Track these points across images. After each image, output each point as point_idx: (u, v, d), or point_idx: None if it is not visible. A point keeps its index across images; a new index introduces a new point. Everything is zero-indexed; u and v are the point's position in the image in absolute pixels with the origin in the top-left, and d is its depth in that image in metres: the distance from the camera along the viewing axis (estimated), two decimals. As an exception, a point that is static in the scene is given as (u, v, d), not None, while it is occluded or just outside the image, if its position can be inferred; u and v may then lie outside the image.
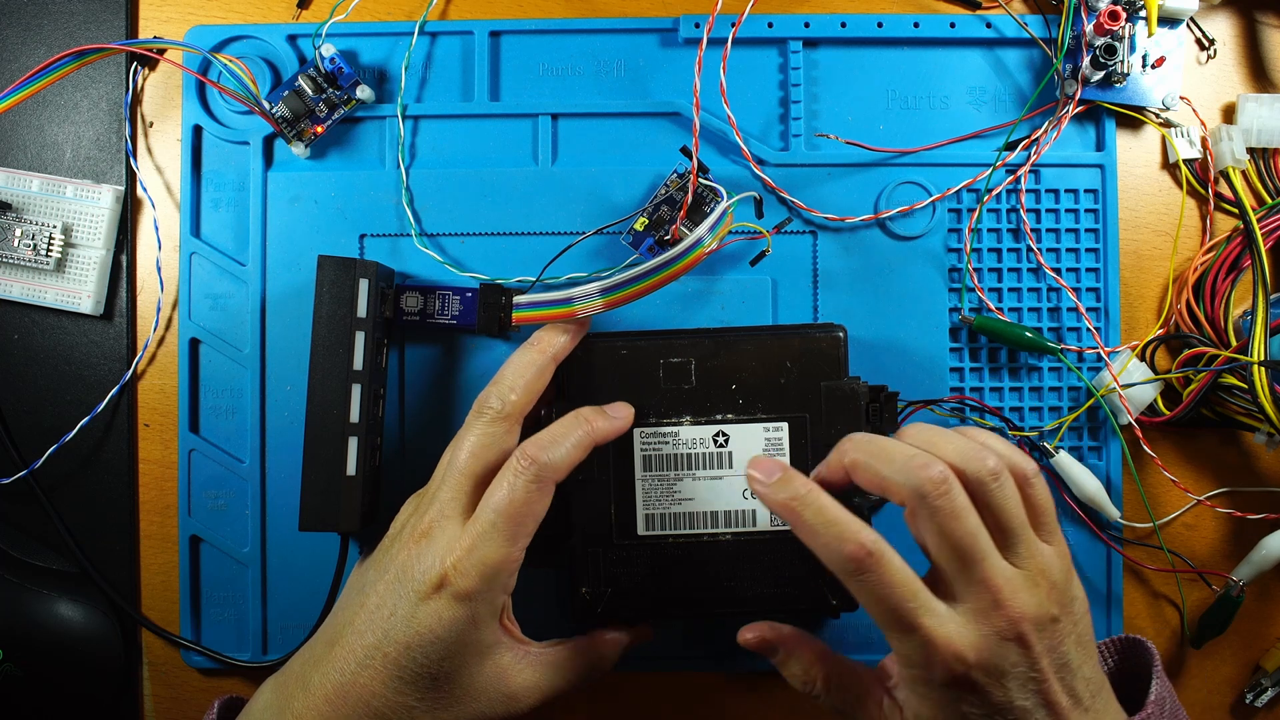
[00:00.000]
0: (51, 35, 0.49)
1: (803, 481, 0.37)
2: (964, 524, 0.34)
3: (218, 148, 0.48)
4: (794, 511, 0.36)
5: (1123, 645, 0.44)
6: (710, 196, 0.46)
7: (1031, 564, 0.35)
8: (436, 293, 0.45)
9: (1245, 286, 0.47)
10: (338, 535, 0.45)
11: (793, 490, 0.36)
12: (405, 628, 0.36)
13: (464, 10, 0.49)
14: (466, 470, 0.39)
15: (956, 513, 0.35)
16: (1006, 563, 0.35)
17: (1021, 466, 0.36)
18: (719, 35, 0.46)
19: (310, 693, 0.37)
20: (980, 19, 0.48)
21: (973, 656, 0.34)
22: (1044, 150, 0.47)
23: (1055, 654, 0.35)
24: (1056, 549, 0.36)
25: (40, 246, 0.47)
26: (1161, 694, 0.40)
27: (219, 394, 0.48)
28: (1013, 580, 0.35)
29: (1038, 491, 0.37)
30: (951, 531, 0.34)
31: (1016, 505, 0.36)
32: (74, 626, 0.47)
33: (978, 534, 0.35)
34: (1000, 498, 0.35)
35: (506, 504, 0.37)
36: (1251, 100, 0.48)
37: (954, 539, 0.34)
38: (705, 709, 0.48)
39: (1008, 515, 0.35)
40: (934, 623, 0.34)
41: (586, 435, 0.40)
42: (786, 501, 0.36)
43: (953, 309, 0.47)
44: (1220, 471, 0.48)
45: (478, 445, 0.39)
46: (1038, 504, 0.37)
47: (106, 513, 0.48)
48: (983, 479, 0.35)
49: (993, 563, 0.35)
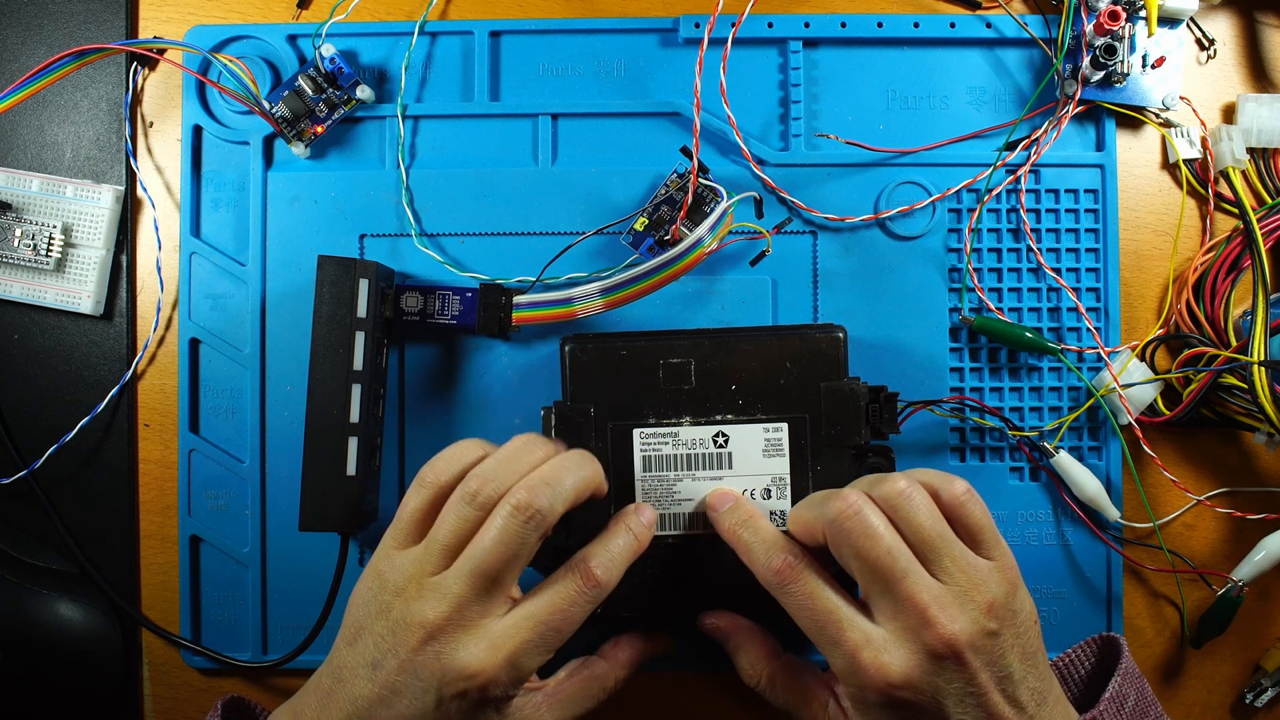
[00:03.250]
0: (51, 35, 0.49)
1: (750, 510, 0.41)
2: (878, 543, 0.35)
3: (218, 148, 0.48)
4: (735, 534, 0.40)
5: (1101, 645, 0.44)
6: (710, 196, 0.46)
7: (961, 579, 0.35)
8: (436, 293, 0.45)
9: (1245, 286, 0.47)
10: (338, 535, 0.45)
11: (737, 516, 0.40)
12: None
13: (464, 10, 0.49)
14: (489, 572, 0.35)
15: (868, 532, 0.36)
16: (933, 579, 0.35)
17: (948, 488, 0.37)
18: (719, 35, 0.46)
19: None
20: (980, 19, 0.48)
21: (899, 676, 0.34)
22: (1044, 150, 0.47)
23: (995, 667, 0.35)
24: (998, 563, 0.36)
25: (40, 246, 0.47)
26: (1122, 691, 0.40)
27: (219, 394, 0.48)
28: (941, 597, 0.35)
29: (970, 510, 0.37)
30: (867, 552, 0.35)
31: (932, 520, 0.36)
32: (74, 626, 0.47)
33: (895, 552, 0.35)
34: (910, 513, 0.36)
35: (560, 620, 0.36)
36: (1251, 100, 0.48)
37: (870, 559, 0.35)
38: (704, 709, 0.48)
39: (923, 530, 0.36)
40: (858, 638, 0.35)
41: (635, 552, 0.39)
42: (731, 526, 0.40)
43: (953, 309, 0.47)
44: (1220, 471, 0.48)
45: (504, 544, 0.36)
46: (971, 521, 0.37)
47: (106, 513, 0.48)
48: (888, 497, 0.37)
49: (915, 580, 0.35)
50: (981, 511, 0.37)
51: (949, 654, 0.34)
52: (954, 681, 0.34)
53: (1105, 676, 0.43)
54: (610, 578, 0.38)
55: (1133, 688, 0.41)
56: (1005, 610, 0.36)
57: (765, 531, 0.39)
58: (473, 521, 0.36)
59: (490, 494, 0.36)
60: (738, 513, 0.40)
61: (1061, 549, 0.47)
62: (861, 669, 0.35)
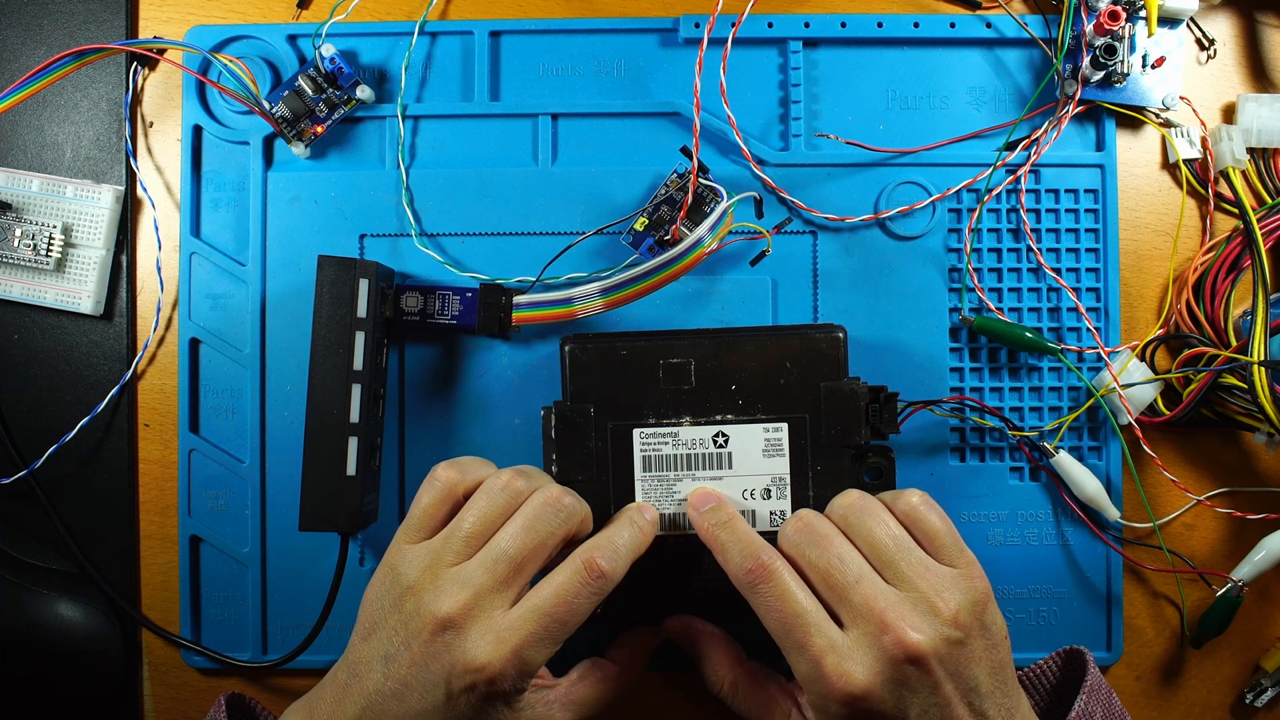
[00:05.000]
0: (51, 35, 0.49)
1: (729, 511, 0.40)
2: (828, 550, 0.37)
3: (218, 148, 0.48)
4: (713, 534, 0.39)
5: (1066, 656, 0.44)
6: (710, 196, 0.46)
7: (921, 584, 0.35)
8: (436, 293, 0.45)
9: (1245, 286, 0.47)
10: (338, 535, 0.45)
11: (717, 517, 0.40)
12: (438, 717, 0.35)
13: (464, 10, 0.49)
14: (510, 555, 0.36)
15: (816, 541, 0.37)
16: (888, 586, 0.36)
17: (901, 499, 0.38)
18: (719, 35, 0.46)
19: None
20: (980, 19, 0.48)
21: (861, 686, 0.34)
22: (1044, 150, 0.47)
23: (961, 679, 0.34)
24: (962, 571, 0.36)
25: (40, 246, 0.47)
26: (1088, 709, 0.40)
27: (219, 394, 0.48)
28: (898, 604, 0.35)
29: (925, 516, 0.38)
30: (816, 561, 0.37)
31: (884, 528, 0.37)
32: (74, 626, 0.47)
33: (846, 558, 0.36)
34: (860, 521, 0.37)
35: (565, 613, 0.36)
36: (1251, 100, 0.48)
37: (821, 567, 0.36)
38: (703, 710, 0.48)
39: (874, 536, 0.37)
40: (823, 643, 0.35)
41: (639, 546, 0.39)
42: (710, 527, 0.39)
43: (953, 309, 0.47)
44: (1220, 471, 0.48)
45: (529, 529, 0.37)
46: (927, 527, 0.37)
47: (106, 513, 0.48)
48: (840, 509, 0.38)
49: (869, 586, 0.35)
50: (938, 518, 0.38)
51: (909, 660, 0.34)
52: (919, 692, 0.34)
53: (1072, 687, 0.42)
54: (614, 569, 0.38)
55: (1099, 704, 0.40)
56: (971, 620, 0.35)
57: (742, 533, 0.39)
58: (501, 509, 0.38)
59: (520, 487, 0.38)
60: (718, 514, 0.40)
61: (1061, 549, 0.47)
62: (824, 676, 0.34)
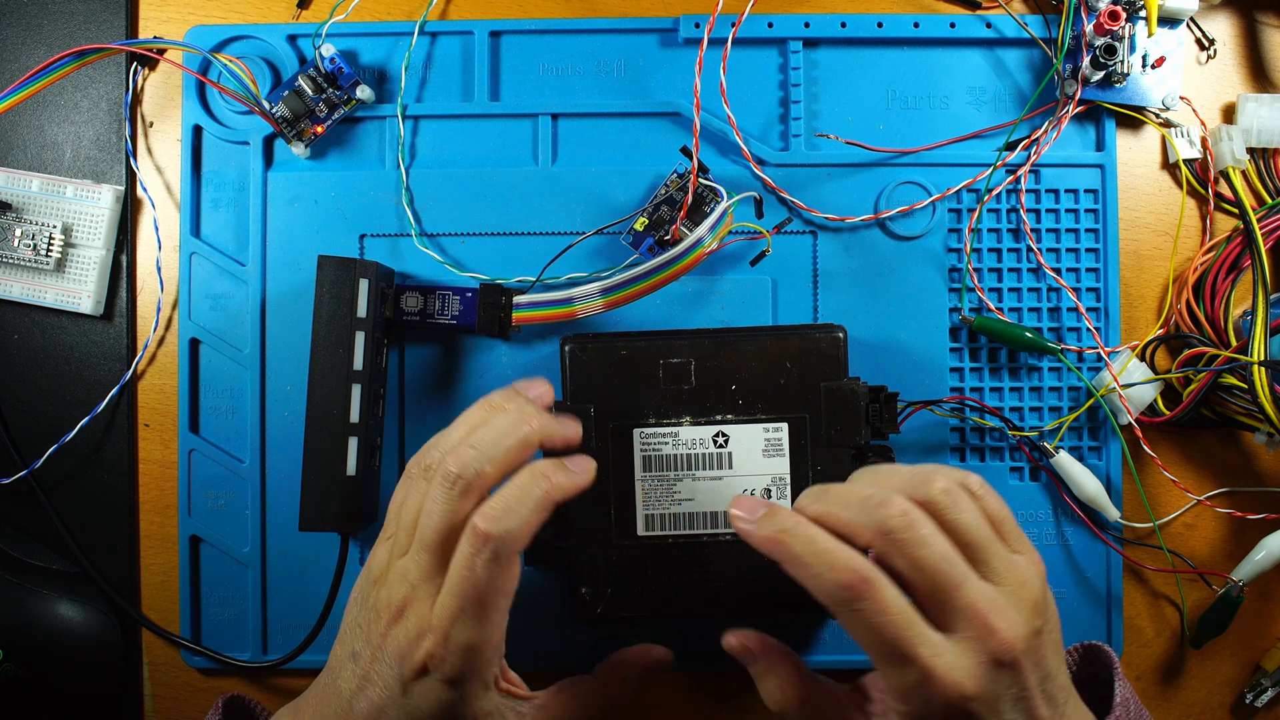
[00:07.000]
0: (51, 35, 0.49)
1: (789, 514, 0.36)
2: (934, 550, 0.33)
3: (218, 148, 0.48)
4: (782, 544, 0.35)
5: (1084, 651, 0.44)
6: (710, 196, 0.46)
7: (1010, 578, 0.34)
8: (436, 293, 0.45)
9: (1245, 286, 0.47)
10: (338, 535, 0.45)
11: (779, 524, 0.35)
12: (398, 710, 0.35)
13: (464, 10, 0.49)
14: (430, 544, 0.35)
15: (924, 540, 0.34)
16: (986, 584, 0.34)
17: (965, 482, 0.36)
18: (719, 35, 0.46)
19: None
20: (980, 19, 0.48)
21: (973, 688, 0.33)
22: (1044, 150, 0.47)
23: (1040, 668, 0.34)
24: (1028, 557, 0.36)
25: (40, 246, 0.47)
26: (1126, 696, 0.40)
27: (219, 394, 0.48)
28: (997, 601, 0.34)
29: (991, 504, 0.36)
30: (923, 561, 0.33)
31: (977, 519, 0.35)
32: (74, 626, 0.47)
33: (951, 559, 0.34)
34: (955, 513, 0.35)
35: (469, 588, 0.35)
36: (1251, 100, 0.48)
37: (928, 568, 0.33)
38: (702, 710, 0.48)
39: (970, 530, 0.35)
40: (931, 653, 0.33)
41: (545, 496, 0.36)
42: (774, 535, 0.35)
43: (953, 309, 0.47)
44: (1220, 471, 0.48)
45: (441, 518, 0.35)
46: (996, 515, 0.36)
47: (106, 513, 0.48)
48: (933, 498, 0.35)
49: (972, 586, 0.34)
50: (1000, 504, 0.36)
51: (1010, 660, 0.33)
52: (1010, 687, 0.33)
53: (1089, 682, 0.42)
54: (508, 530, 0.35)
55: (1130, 694, 0.41)
56: (1043, 605, 0.35)
57: (820, 540, 0.34)
58: (421, 493, 0.36)
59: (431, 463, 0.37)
60: (776, 520, 0.36)
61: (1061, 549, 0.47)
62: (935, 684, 0.33)
